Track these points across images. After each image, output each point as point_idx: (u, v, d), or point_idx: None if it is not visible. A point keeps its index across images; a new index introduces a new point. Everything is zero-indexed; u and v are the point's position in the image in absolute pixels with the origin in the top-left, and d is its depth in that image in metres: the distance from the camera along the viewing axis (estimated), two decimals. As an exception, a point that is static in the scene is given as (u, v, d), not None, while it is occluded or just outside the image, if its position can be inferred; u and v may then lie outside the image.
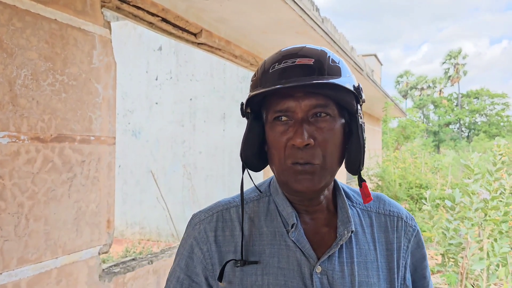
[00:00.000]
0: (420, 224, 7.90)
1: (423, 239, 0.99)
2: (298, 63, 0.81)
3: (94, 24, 2.40)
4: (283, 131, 0.83)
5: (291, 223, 0.87)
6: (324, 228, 0.90)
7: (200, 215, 0.94)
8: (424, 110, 52.46)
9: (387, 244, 0.93)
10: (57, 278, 2.15)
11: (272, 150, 0.85)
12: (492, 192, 3.86)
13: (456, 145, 38.07)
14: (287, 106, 0.82)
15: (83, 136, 2.31)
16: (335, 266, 0.86)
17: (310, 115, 0.82)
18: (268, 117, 0.85)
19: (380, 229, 0.94)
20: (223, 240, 0.90)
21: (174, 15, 3.11)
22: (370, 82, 7.27)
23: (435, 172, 11.16)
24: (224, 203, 0.95)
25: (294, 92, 0.81)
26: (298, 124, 0.81)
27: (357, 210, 0.95)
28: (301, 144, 0.80)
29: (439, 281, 5.39)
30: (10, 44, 1.93)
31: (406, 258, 0.94)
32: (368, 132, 12.03)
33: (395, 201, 1.02)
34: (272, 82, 0.81)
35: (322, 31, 4.07)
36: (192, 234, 0.92)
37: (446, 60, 53.66)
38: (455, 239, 3.94)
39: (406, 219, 0.97)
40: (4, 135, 1.90)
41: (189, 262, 0.90)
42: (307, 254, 0.86)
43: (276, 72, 0.81)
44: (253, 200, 0.95)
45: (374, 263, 0.90)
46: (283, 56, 0.83)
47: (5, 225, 1.90)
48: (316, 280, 0.84)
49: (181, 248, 0.93)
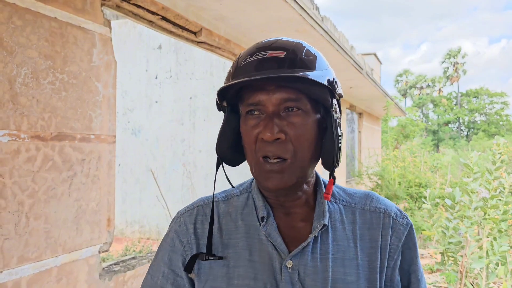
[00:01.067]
0: (419, 223, 7.91)
1: (416, 238, 0.93)
2: (270, 56, 0.80)
3: (94, 22, 2.39)
4: (254, 125, 0.82)
5: (260, 216, 0.87)
6: (301, 223, 0.89)
7: (182, 210, 0.96)
8: (424, 109, 52.48)
9: (371, 242, 0.88)
10: (57, 276, 2.15)
11: (245, 144, 0.85)
12: (492, 191, 3.86)
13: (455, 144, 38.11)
14: (258, 99, 0.81)
15: (83, 134, 2.31)
16: (307, 262, 0.84)
17: (281, 109, 0.81)
18: (241, 110, 0.85)
19: (364, 226, 0.90)
20: (202, 233, 0.91)
21: (174, 14, 3.11)
22: (369, 81, 7.27)
23: (435, 171, 11.17)
24: (205, 199, 0.96)
25: (266, 86, 0.80)
26: (268, 118, 0.80)
27: (340, 207, 0.92)
28: (270, 138, 0.79)
29: (438, 280, 5.40)
30: (10, 42, 1.93)
31: (395, 258, 0.89)
32: (367, 131, 12.04)
33: (386, 199, 0.97)
34: (243, 75, 0.79)
35: (322, 30, 4.07)
36: (173, 228, 0.93)
37: (446, 59, 53.67)
38: (454, 237, 3.94)
39: (396, 216, 0.92)
40: (4, 134, 1.90)
41: (171, 255, 0.91)
42: (279, 248, 0.85)
43: (248, 65, 0.80)
44: (233, 196, 0.95)
45: (353, 261, 0.86)
46: (257, 48, 0.82)
47: (6, 224, 1.90)
48: (286, 274, 0.83)
49: (164, 243, 0.94)
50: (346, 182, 9.45)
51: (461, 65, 52.76)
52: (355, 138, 11.11)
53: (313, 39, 4.27)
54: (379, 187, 9.24)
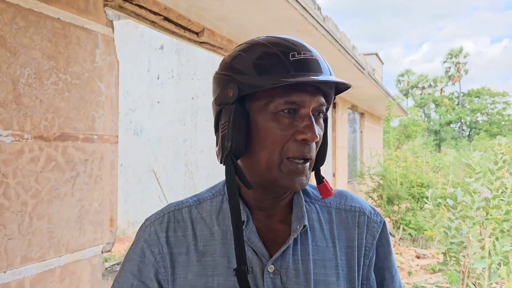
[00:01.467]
0: (421, 223, 7.91)
1: (389, 235, 0.94)
2: (315, 58, 0.79)
3: (97, 23, 2.40)
4: (288, 124, 0.77)
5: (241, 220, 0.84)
6: (280, 225, 0.87)
7: (151, 217, 0.89)
8: (425, 109, 52.42)
9: (348, 241, 0.88)
10: (60, 276, 2.16)
11: (267, 142, 0.78)
12: (494, 191, 3.86)
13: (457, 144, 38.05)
14: (300, 99, 0.77)
15: (86, 135, 2.32)
16: (289, 264, 0.82)
17: (314, 112, 0.80)
18: (270, 107, 0.77)
19: (340, 225, 0.89)
20: (174, 241, 0.85)
21: (176, 14, 3.12)
22: (371, 81, 7.27)
23: (436, 171, 11.16)
24: (176, 204, 0.91)
25: (307, 87, 0.78)
26: (309, 119, 0.78)
27: (316, 207, 0.90)
28: (314, 139, 0.77)
29: (440, 280, 5.40)
30: (14, 43, 1.94)
31: (370, 255, 0.89)
32: (369, 131, 12.03)
33: (359, 197, 0.97)
34: (296, 71, 0.76)
35: (324, 30, 4.07)
36: (142, 237, 0.87)
37: (447, 59, 53.62)
38: (456, 238, 3.94)
39: (370, 214, 0.92)
40: (7, 134, 1.90)
41: (141, 267, 0.85)
42: (259, 253, 0.82)
43: (299, 62, 0.77)
44: (206, 200, 0.90)
45: (332, 261, 0.85)
46: (296, 45, 0.79)
47: (9, 224, 1.91)
48: (268, 280, 0.80)
49: (131, 253, 0.87)
50: (348, 182, 9.45)
51: (463, 65, 52.71)
52: (357, 138, 11.11)
53: (315, 39, 4.27)
54: (381, 187, 9.24)
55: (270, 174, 0.79)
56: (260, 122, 0.79)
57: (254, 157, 0.81)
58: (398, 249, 7.50)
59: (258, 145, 0.79)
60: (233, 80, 0.79)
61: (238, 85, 0.77)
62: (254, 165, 0.81)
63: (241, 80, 0.78)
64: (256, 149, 0.80)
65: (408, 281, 5.56)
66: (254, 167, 0.82)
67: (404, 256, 6.95)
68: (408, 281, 5.56)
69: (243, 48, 0.83)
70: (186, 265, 0.83)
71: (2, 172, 1.89)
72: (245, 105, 0.80)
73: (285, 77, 0.74)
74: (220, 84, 0.83)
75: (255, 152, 0.80)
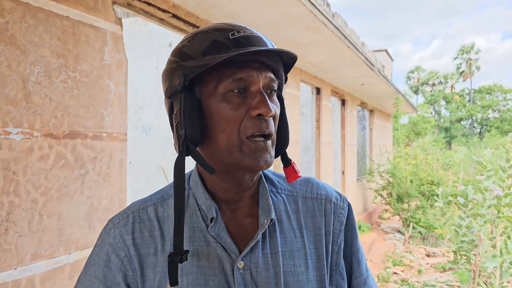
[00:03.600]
0: (431, 221, 7.85)
1: (354, 219, 0.93)
2: (257, 35, 0.79)
3: (106, 21, 2.40)
4: (239, 103, 0.76)
5: (210, 216, 0.81)
6: (247, 219, 0.85)
7: (114, 219, 0.86)
8: (436, 106, 51.98)
9: (315, 230, 0.87)
10: (70, 273, 2.17)
11: (222, 125, 0.76)
12: (505, 189, 3.81)
13: (468, 142, 37.71)
14: (247, 75, 0.76)
15: (95, 132, 2.33)
16: (258, 259, 0.81)
17: (265, 90, 0.79)
18: (219, 89, 0.76)
19: (307, 214, 0.88)
20: (141, 242, 0.82)
21: (184, 11, 3.11)
22: (381, 78, 7.21)
23: (447, 169, 11.07)
24: (140, 203, 0.87)
25: (251, 63, 0.77)
26: (261, 94, 0.77)
27: (282, 197, 0.89)
28: (268, 113, 0.75)
29: (451, 279, 5.35)
30: (23, 41, 1.94)
31: (339, 242, 0.88)
32: (378, 128, 11.95)
33: (325, 183, 0.96)
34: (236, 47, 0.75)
35: (333, 26, 4.04)
36: (107, 241, 0.83)
37: (459, 55, 53.08)
38: (467, 236, 3.90)
39: (336, 200, 0.91)
40: (17, 132, 1.91)
41: (106, 272, 0.81)
42: (228, 249, 0.80)
43: (239, 39, 0.76)
44: (171, 196, 0.87)
45: (301, 251, 0.84)
46: (235, 26, 0.79)
47: (19, 221, 1.92)
48: (238, 276, 0.79)
49: (96, 257, 0.84)
50: (357, 180, 9.40)
51: (475, 61, 52.15)
52: (366, 135, 11.05)
53: (324, 35, 4.25)
54: (390, 185, 9.18)
55: (231, 156, 0.77)
56: (211, 106, 0.77)
57: (212, 143, 0.79)
58: (408, 247, 7.45)
59: (215, 130, 0.78)
60: (178, 68, 0.78)
61: (183, 72, 0.77)
62: (214, 151, 0.79)
63: (185, 65, 0.77)
64: (213, 134, 0.78)
65: (418, 280, 5.52)
66: (214, 153, 0.79)
67: (414, 254, 6.90)
68: (418, 280, 5.52)
69: (186, 37, 0.82)
70: (155, 265, 0.81)
71: (13, 169, 1.90)
72: (195, 93, 0.79)
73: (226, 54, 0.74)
74: (167, 76, 0.82)
75: (213, 138, 0.78)
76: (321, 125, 6.73)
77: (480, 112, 48.79)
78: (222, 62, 0.75)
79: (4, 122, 1.86)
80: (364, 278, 0.92)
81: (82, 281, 0.84)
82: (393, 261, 6.40)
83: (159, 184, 7.33)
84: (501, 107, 48.43)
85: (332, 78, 6.83)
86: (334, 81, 7.16)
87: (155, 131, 7.53)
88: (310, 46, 4.68)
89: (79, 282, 0.84)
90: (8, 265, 1.86)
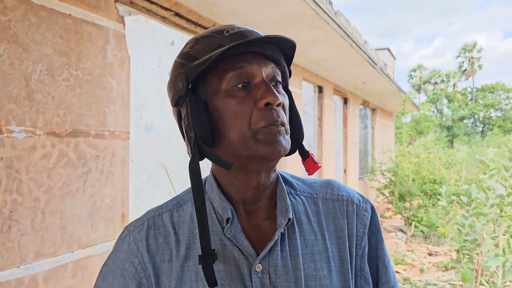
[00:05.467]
0: (434, 220, 7.83)
1: (379, 221, 0.90)
2: (252, 30, 0.79)
3: (108, 19, 2.40)
4: (245, 96, 0.75)
5: (225, 217, 0.79)
6: (265, 221, 0.82)
7: (129, 226, 0.85)
8: (438, 105, 51.88)
9: (338, 232, 0.84)
10: (73, 272, 2.17)
11: (231, 120, 0.75)
12: (508, 188, 3.79)
13: (470, 140, 37.63)
14: (249, 67, 0.76)
15: (98, 131, 2.32)
16: (277, 262, 0.78)
17: (270, 82, 0.78)
18: (223, 85, 0.76)
19: (328, 215, 0.85)
20: (156, 249, 0.81)
21: (187, 9, 3.11)
22: (383, 76, 7.20)
23: (449, 168, 11.05)
24: (155, 209, 0.86)
25: (250, 56, 0.76)
26: (265, 84, 0.76)
27: (302, 199, 0.86)
28: (276, 101, 0.74)
29: (453, 278, 5.35)
30: (26, 39, 1.94)
31: (363, 245, 0.85)
32: (380, 126, 11.94)
33: (347, 186, 0.93)
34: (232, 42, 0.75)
35: (336, 25, 4.03)
36: (122, 248, 0.82)
37: (461, 53, 52.91)
38: (470, 235, 3.89)
39: (359, 202, 0.88)
40: (20, 130, 1.91)
41: (121, 280, 0.80)
42: (246, 252, 0.78)
43: (234, 34, 0.77)
44: (187, 202, 0.86)
45: (323, 254, 0.81)
46: (230, 25, 0.80)
47: (22, 219, 1.92)
48: (256, 280, 0.76)
49: (111, 264, 0.83)
50: (359, 178, 9.39)
51: (477, 60, 52.00)
52: (368, 134, 11.03)
53: (326, 33, 4.24)
54: (392, 184, 9.17)
55: (247, 147, 0.75)
56: (217, 103, 0.77)
57: (225, 141, 0.77)
58: (410, 246, 7.44)
59: (225, 127, 0.76)
60: (179, 74, 0.79)
61: (185, 76, 0.77)
62: (227, 148, 0.78)
63: (186, 69, 0.78)
64: (224, 131, 0.77)
65: (420, 278, 5.52)
66: (228, 150, 0.78)
67: (416, 253, 6.89)
68: (420, 278, 5.51)
69: (186, 45, 0.84)
70: (170, 272, 0.79)
71: (15, 168, 1.90)
72: (200, 95, 0.79)
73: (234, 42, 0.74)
74: (171, 86, 0.82)
75: (224, 136, 0.77)
76: (323, 124, 6.72)
77: (483, 110, 48.67)
78: (221, 59, 0.75)
79: (7, 120, 1.86)
80: (392, 284, 0.89)
81: (99, 287, 0.83)
82: (395, 260, 6.40)
83: (161, 182, 7.34)
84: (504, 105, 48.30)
85: (334, 76, 6.82)
86: (336, 80, 7.15)
87: (157, 129, 7.52)
88: (312, 44, 4.67)
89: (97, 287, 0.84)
90: (11, 263, 1.87)
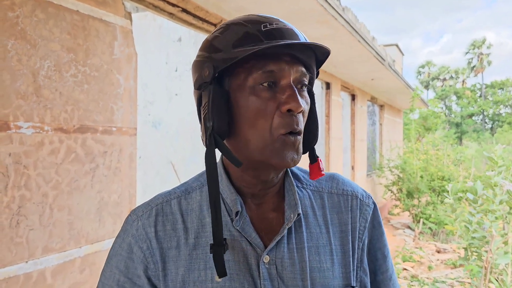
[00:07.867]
0: (442, 217, 7.79)
1: (380, 217, 0.93)
2: (289, 28, 0.77)
3: (115, 15, 2.40)
4: (269, 97, 0.74)
5: (235, 210, 0.80)
6: (272, 213, 0.84)
7: (137, 210, 0.85)
8: (447, 101, 51.47)
9: (341, 226, 0.87)
10: (80, 267, 2.19)
11: (251, 119, 0.75)
12: (518, 185, 3.75)
13: (479, 137, 37.32)
14: (278, 68, 0.74)
15: (105, 127, 2.33)
16: (284, 254, 0.80)
17: (296, 84, 0.76)
18: (249, 81, 0.74)
19: (333, 209, 0.88)
20: (163, 235, 0.82)
21: (194, 6, 3.10)
22: (391, 73, 7.15)
23: (458, 165, 10.97)
24: (164, 195, 0.87)
25: (282, 56, 0.74)
26: (291, 88, 0.74)
27: (308, 192, 0.88)
28: (298, 109, 0.73)
29: (461, 275, 5.31)
30: (34, 35, 1.95)
31: (363, 238, 0.88)
32: (389, 123, 11.87)
33: (351, 180, 0.95)
34: (268, 40, 0.73)
35: (344, 20, 4.01)
36: (130, 232, 0.83)
37: (470, 49, 52.42)
38: (478, 232, 3.86)
39: (362, 197, 0.91)
40: (28, 126, 1.92)
41: (129, 263, 0.81)
42: (253, 243, 0.79)
43: (271, 31, 0.74)
44: (195, 189, 0.86)
45: (327, 247, 0.84)
46: (268, 18, 0.77)
47: (30, 215, 1.94)
48: (264, 270, 0.78)
49: (118, 248, 0.84)
50: (367, 175, 9.35)
51: (486, 56, 51.49)
52: (376, 130, 10.97)
53: (334, 30, 4.21)
54: (400, 181, 9.12)
55: (262, 154, 0.75)
56: (240, 99, 0.76)
57: (241, 138, 0.77)
58: (418, 243, 7.41)
59: (243, 124, 0.76)
60: (208, 60, 0.77)
61: (213, 64, 0.76)
62: (241, 145, 0.78)
63: (215, 58, 0.76)
64: (241, 128, 0.76)
65: (428, 276, 5.49)
66: (241, 148, 0.78)
67: (424, 250, 6.86)
68: (428, 276, 5.49)
69: (218, 29, 0.81)
70: (177, 259, 0.80)
71: (23, 163, 1.91)
72: (224, 85, 0.78)
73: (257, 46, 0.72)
74: (197, 67, 0.81)
75: (240, 132, 0.77)
76: (331, 120, 6.69)
77: (492, 107, 48.22)
78: (252, 55, 0.73)
79: (15, 116, 1.87)
80: (390, 273, 0.92)
81: (104, 271, 0.84)
82: (403, 257, 6.37)
83: (168, 178, 7.36)
84: (514, 102, 47.81)
85: (342, 72, 6.78)
86: (344, 76, 7.12)
87: (165, 125, 7.54)
88: (321, 40, 4.65)
89: (102, 274, 0.85)
90: (19, 258, 1.88)
